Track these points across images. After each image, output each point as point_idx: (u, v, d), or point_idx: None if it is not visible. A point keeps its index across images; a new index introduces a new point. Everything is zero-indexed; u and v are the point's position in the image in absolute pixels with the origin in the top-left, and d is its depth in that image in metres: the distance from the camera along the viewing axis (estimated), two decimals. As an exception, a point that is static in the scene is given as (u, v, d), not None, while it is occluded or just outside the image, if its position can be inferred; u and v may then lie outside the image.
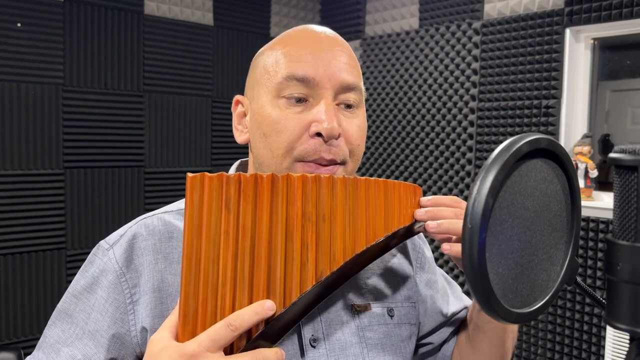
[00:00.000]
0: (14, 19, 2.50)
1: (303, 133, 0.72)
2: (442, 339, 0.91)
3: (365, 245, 0.66)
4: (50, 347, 0.72)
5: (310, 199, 0.63)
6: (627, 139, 2.99)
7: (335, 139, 0.72)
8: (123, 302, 0.72)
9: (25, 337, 2.59)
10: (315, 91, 0.73)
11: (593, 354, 2.44)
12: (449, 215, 0.72)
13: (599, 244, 2.42)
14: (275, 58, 0.75)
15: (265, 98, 0.74)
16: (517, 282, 0.54)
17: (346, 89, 0.74)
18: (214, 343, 0.57)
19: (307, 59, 0.73)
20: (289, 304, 0.61)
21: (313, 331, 0.74)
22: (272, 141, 0.73)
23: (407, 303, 0.84)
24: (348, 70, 0.75)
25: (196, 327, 0.60)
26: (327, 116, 0.71)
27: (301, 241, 0.63)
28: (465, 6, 2.88)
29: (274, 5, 3.42)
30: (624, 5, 2.33)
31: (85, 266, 0.76)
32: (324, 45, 0.75)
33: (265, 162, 0.74)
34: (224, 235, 0.60)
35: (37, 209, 2.61)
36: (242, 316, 0.58)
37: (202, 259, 0.60)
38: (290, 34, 0.78)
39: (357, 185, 0.67)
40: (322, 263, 0.63)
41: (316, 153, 0.72)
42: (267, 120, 0.73)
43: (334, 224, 0.64)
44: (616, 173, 0.48)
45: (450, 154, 2.99)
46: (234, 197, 0.61)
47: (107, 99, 2.79)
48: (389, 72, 3.27)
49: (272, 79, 0.74)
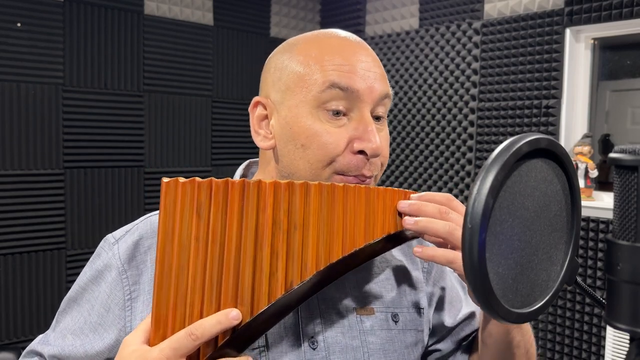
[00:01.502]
0: (14, 19, 2.50)
1: (345, 148, 0.71)
2: (449, 347, 0.88)
3: (341, 254, 0.65)
4: (59, 332, 0.77)
5: (282, 206, 0.62)
6: (627, 139, 2.99)
7: (377, 157, 0.72)
8: (122, 298, 0.73)
9: (25, 337, 2.59)
10: (355, 104, 0.72)
11: (593, 354, 2.44)
12: (432, 212, 0.69)
13: (599, 244, 2.42)
14: (311, 66, 0.72)
15: (302, 108, 0.72)
16: (517, 282, 0.54)
17: (382, 100, 0.74)
18: (175, 352, 0.58)
19: (347, 70, 0.71)
20: (257, 312, 0.61)
21: (313, 333, 0.73)
22: (311, 153, 0.71)
23: (413, 309, 0.82)
24: (382, 81, 0.75)
25: (166, 332, 0.60)
26: (372, 135, 0.71)
27: (271, 249, 0.61)
28: (465, 6, 2.89)
29: (274, 5, 3.42)
30: (624, 5, 2.33)
31: (93, 258, 0.78)
32: (359, 56, 0.73)
33: (299, 172, 0.73)
34: (194, 242, 0.60)
35: (37, 209, 2.61)
36: (204, 325, 0.58)
37: (174, 265, 0.60)
38: (322, 41, 0.75)
39: (334, 192, 0.65)
40: (293, 272, 0.62)
41: (358, 170, 0.72)
42: (306, 132, 0.71)
43: (306, 232, 0.63)
44: (616, 173, 0.48)
45: (450, 154, 2.99)
46: (204, 203, 0.60)
47: (107, 99, 2.79)
48: (389, 72, 3.27)
49: (311, 87, 0.71)
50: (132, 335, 0.62)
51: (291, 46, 0.77)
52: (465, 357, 0.88)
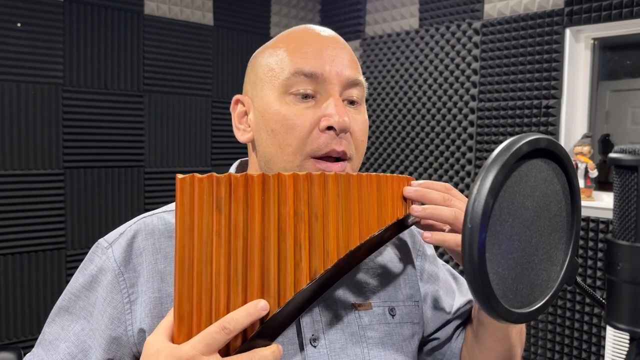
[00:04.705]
0: (14, 19, 2.50)
1: (313, 128, 0.73)
2: (448, 334, 0.90)
3: (359, 241, 0.66)
4: (49, 344, 0.73)
5: (302, 198, 0.63)
6: (627, 139, 2.99)
7: (345, 132, 0.73)
8: (121, 301, 0.72)
9: (25, 337, 2.59)
10: (322, 87, 0.74)
11: (593, 354, 2.44)
12: (437, 199, 0.72)
13: (599, 244, 2.42)
14: (279, 56, 0.75)
15: (271, 95, 0.75)
16: (517, 282, 0.54)
17: (351, 85, 0.76)
18: (208, 347, 0.58)
19: (313, 56, 0.74)
20: (284, 303, 0.61)
21: (313, 330, 0.73)
22: (281, 138, 0.73)
23: (409, 302, 0.84)
24: (352, 66, 0.76)
25: (191, 328, 0.60)
26: (338, 110, 0.72)
27: (294, 240, 0.62)
28: (465, 6, 2.89)
29: (274, 5, 3.42)
30: (624, 5, 2.33)
31: (85, 264, 0.76)
32: (327, 43, 0.76)
33: (274, 159, 0.75)
34: (216, 237, 0.60)
35: (37, 209, 2.61)
36: (236, 318, 0.59)
37: (195, 261, 0.60)
38: (292, 33, 0.79)
39: (350, 182, 0.67)
40: (316, 261, 0.63)
41: (327, 146, 0.73)
42: (275, 117, 0.73)
43: (326, 221, 0.64)
44: (616, 173, 0.48)
45: (450, 154, 2.99)
46: (224, 198, 0.61)
47: (107, 99, 2.79)
48: (389, 72, 3.27)
49: (278, 75, 0.74)
50: (154, 335, 0.61)
51: (266, 44, 0.81)
52: (460, 342, 0.90)
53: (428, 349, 0.90)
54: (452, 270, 0.96)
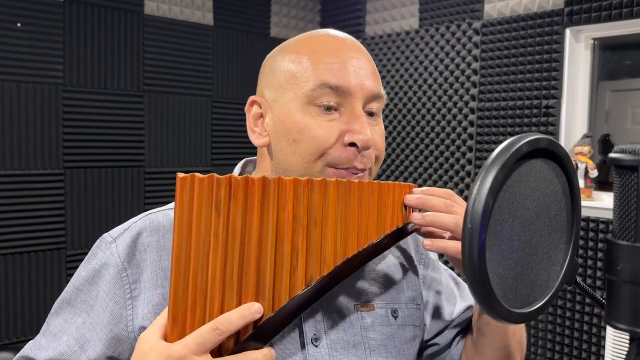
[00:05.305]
0: (14, 19, 2.50)
1: (336, 141, 0.73)
2: (447, 340, 0.90)
3: (356, 249, 0.66)
4: (53, 336, 0.76)
5: (302, 203, 0.63)
6: (627, 139, 2.99)
7: (368, 149, 0.74)
8: (122, 297, 0.72)
9: (25, 337, 2.59)
10: (346, 100, 0.74)
11: (593, 354, 2.44)
12: (438, 206, 0.71)
13: (599, 244, 2.42)
14: (303, 65, 0.74)
15: (293, 104, 0.74)
16: (517, 282, 0.54)
17: (373, 98, 0.76)
18: (200, 346, 0.58)
19: (339, 67, 0.73)
20: (278, 308, 0.61)
21: (315, 330, 0.74)
22: (302, 147, 0.73)
23: (411, 305, 0.84)
24: (374, 79, 0.76)
25: (185, 328, 0.60)
26: (363, 128, 0.72)
27: (291, 245, 0.62)
28: (465, 6, 2.89)
29: (274, 5, 3.42)
30: (624, 5, 2.33)
31: (88, 258, 0.77)
32: (351, 54, 0.76)
33: (293, 167, 0.74)
34: (214, 238, 0.60)
35: (37, 209, 2.61)
36: (229, 319, 0.59)
37: (191, 261, 0.60)
38: (314, 39, 0.78)
39: (350, 188, 0.66)
40: (312, 267, 0.63)
41: (349, 162, 0.73)
42: (297, 127, 0.73)
43: (325, 227, 0.64)
44: (616, 173, 0.48)
45: (450, 154, 2.99)
46: (224, 200, 0.60)
47: (107, 99, 2.79)
48: (389, 72, 3.27)
49: (302, 85, 0.73)
50: (148, 332, 0.62)
51: (285, 46, 0.79)
52: (459, 348, 0.90)
53: (427, 354, 0.90)
54: (454, 275, 0.96)
